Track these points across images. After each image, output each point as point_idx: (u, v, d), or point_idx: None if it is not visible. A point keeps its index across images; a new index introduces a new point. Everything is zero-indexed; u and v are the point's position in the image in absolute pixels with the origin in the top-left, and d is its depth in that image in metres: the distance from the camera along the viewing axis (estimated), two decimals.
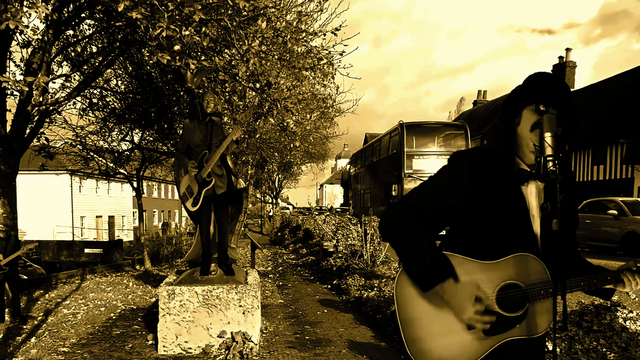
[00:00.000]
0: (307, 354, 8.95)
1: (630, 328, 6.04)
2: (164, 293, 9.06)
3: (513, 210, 2.78)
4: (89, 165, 25.64)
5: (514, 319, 2.73)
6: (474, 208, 2.82)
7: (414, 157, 32.53)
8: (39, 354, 9.02)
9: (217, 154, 8.99)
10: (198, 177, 9.09)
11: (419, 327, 2.81)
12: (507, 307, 2.72)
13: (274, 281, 18.06)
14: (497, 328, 2.73)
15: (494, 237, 2.81)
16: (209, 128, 9.26)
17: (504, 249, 2.76)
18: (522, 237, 2.78)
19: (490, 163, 2.84)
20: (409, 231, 2.81)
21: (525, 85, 2.83)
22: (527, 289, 2.72)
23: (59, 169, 46.65)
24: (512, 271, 2.73)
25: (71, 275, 20.17)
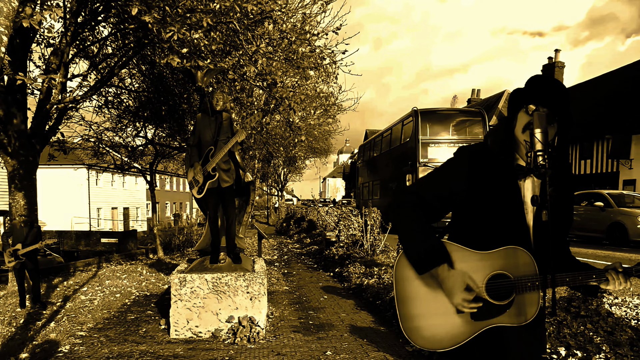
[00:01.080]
0: (311, 337, 8.96)
1: (615, 313, 6.05)
2: (176, 280, 9.08)
3: (508, 203, 2.81)
4: (105, 159, 25.76)
5: (501, 307, 2.79)
6: (473, 199, 2.87)
7: (429, 145, 29.47)
8: (58, 337, 9.04)
9: (221, 152, 9.04)
10: (203, 170, 9.13)
11: (414, 306, 2.90)
12: (495, 296, 2.78)
13: (280, 269, 18.06)
14: (484, 314, 2.79)
15: (490, 228, 2.86)
16: (218, 125, 9.29)
17: (498, 239, 2.80)
18: (516, 228, 2.82)
19: (492, 159, 2.89)
20: (410, 218, 2.90)
21: (522, 89, 2.85)
22: (515, 280, 2.77)
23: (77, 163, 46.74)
24: (502, 262, 2.78)
25: (88, 264, 20.20)
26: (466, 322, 2.81)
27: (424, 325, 2.87)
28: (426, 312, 2.88)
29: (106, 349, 8.36)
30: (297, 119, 16.71)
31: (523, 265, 2.76)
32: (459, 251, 2.85)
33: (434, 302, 2.87)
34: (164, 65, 15.74)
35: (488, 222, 2.86)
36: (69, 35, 12.65)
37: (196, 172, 9.22)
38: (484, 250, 2.82)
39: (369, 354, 7.82)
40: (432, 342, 2.86)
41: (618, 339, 5.39)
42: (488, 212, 2.85)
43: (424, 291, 2.90)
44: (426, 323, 2.87)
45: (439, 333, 2.84)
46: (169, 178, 72.23)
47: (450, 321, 2.83)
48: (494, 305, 2.78)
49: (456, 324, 2.83)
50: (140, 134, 23.22)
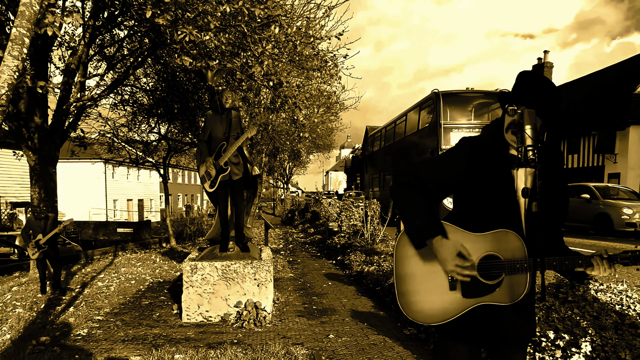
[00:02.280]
0: (315, 321, 8.96)
1: (600, 299, 6.05)
2: (188, 268, 9.09)
3: (502, 190, 2.85)
4: (121, 154, 25.86)
5: (490, 287, 2.83)
6: (471, 186, 2.91)
7: (452, 130, 25.23)
8: (76, 321, 9.05)
9: (233, 147, 9.07)
10: (216, 164, 9.14)
11: (410, 282, 2.97)
12: (486, 275, 2.82)
13: (285, 257, 18.06)
14: (475, 292, 2.84)
15: (485, 213, 2.89)
16: (228, 122, 9.32)
17: (492, 224, 2.84)
18: (509, 214, 2.85)
19: (489, 150, 2.92)
20: (410, 195, 2.95)
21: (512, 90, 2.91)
22: (505, 262, 2.80)
23: (94, 157, 46.95)
24: (494, 244, 2.82)
25: (105, 252, 20.26)
26: (458, 299, 2.87)
27: (419, 300, 2.94)
28: (421, 288, 2.94)
29: (122, 332, 8.37)
30: (302, 116, 16.73)
31: (513, 249, 2.80)
32: (455, 231, 2.89)
33: (429, 279, 2.93)
34: (176, 66, 15.77)
35: (483, 208, 2.90)
36: (87, 38, 12.67)
37: (208, 166, 9.24)
38: (477, 231, 2.86)
39: (369, 337, 7.82)
40: (425, 316, 2.93)
41: (603, 323, 5.39)
42: (484, 199, 2.89)
43: (421, 269, 2.95)
44: (421, 298, 2.94)
45: (432, 308, 2.91)
46: (181, 171, 72.27)
47: (443, 297, 2.89)
48: (484, 284, 2.83)
49: (448, 300, 2.88)
50: (154, 130, 23.35)
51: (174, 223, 29.28)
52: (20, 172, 32.80)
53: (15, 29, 3.19)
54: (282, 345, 7.11)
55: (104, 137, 24.09)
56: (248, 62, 12.56)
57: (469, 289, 2.84)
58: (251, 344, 7.38)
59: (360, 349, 7.21)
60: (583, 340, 4.98)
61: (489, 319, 2.88)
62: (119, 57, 16.38)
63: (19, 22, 3.19)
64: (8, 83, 3.12)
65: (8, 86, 3.12)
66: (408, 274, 2.98)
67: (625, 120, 31.77)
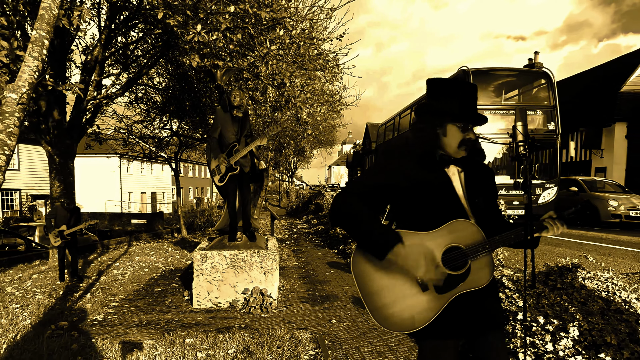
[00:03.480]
0: (318, 307, 8.98)
1: (588, 286, 6.05)
2: (198, 256, 9.10)
3: (441, 188, 2.88)
4: (135, 149, 25.96)
5: (460, 276, 2.82)
6: (409, 190, 2.89)
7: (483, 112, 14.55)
8: (93, 307, 9.08)
9: (244, 151, 9.15)
10: (227, 161, 9.17)
11: (379, 297, 2.90)
12: (453, 267, 2.81)
13: (290, 246, 18.06)
14: (448, 286, 2.82)
15: (430, 212, 2.89)
16: (240, 123, 9.36)
17: (440, 221, 2.84)
18: (454, 209, 2.88)
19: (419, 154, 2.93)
20: (359, 212, 2.87)
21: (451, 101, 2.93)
22: (467, 249, 2.81)
23: (110, 152, 47.05)
24: (451, 236, 2.83)
25: (120, 242, 20.28)
26: (433, 298, 2.82)
27: (396, 311, 2.87)
28: (393, 299, 2.88)
29: (136, 318, 8.40)
30: (305, 115, 16.75)
31: (471, 234, 2.82)
32: (408, 235, 2.85)
33: (398, 288, 2.88)
34: (187, 65, 15.82)
35: (427, 207, 2.89)
36: (103, 39, 12.70)
37: (220, 161, 9.27)
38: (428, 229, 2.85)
39: (369, 322, 7.83)
40: (408, 325, 2.86)
41: (590, 308, 5.39)
42: (425, 199, 2.88)
43: (386, 280, 2.90)
44: (397, 309, 2.87)
45: (411, 315, 2.84)
46: (192, 166, 72.31)
47: (418, 300, 2.84)
48: (453, 275, 2.82)
49: (425, 301, 2.83)
50: (166, 127, 23.41)
51: (185, 214, 29.33)
52: (39, 166, 32.87)
53: (35, 31, 3.19)
54: (287, 330, 7.13)
55: (119, 133, 24.19)
56: (255, 62, 12.58)
57: (441, 285, 2.82)
58: (258, 329, 7.40)
59: (361, 334, 7.22)
60: (571, 325, 4.99)
61: (463, 308, 2.87)
62: (133, 58, 16.42)
63: (39, 24, 3.20)
64: (29, 82, 3.12)
65: (29, 85, 3.12)
66: (374, 290, 2.92)
67: (611, 118, 31.86)
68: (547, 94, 21.72)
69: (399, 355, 6.22)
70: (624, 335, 4.86)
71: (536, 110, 21.49)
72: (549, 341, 4.89)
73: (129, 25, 14.16)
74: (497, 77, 22.66)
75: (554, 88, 21.43)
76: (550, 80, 21.57)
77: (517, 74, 23.41)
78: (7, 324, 7.57)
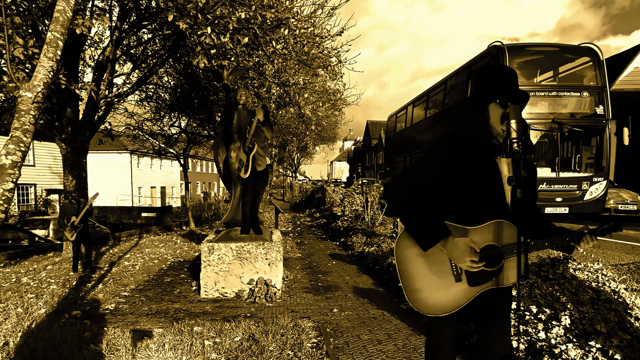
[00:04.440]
0: (320, 297, 8.99)
1: (578, 277, 6.06)
2: (205, 248, 9.13)
3: (490, 179, 2.88)
4: (145, 145, 26.04)
5: (493, 273, 2.90)
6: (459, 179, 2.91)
7: None
8: (105, 297, 9.10)
9: (252, 128, 9.21)
10: (244, 147, 9.23)
11: (416, 280, 3.01)
12: (488, 264, 2.88)
13: (294, 239, 18.09)
14: (480, 280, 2.91)
15: (475, 202, 2.92)
16: (250, 114, 9.44)
17: (483, 212, 2.89)
18: (497, 201, 2.89)
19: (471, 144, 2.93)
20: (411, 201, 2.93)
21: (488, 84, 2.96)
22: (502, 249, 2.86)
23: (121, 149, 47.12)
24: (491, 235, 2.88)
25: (130, 234, 20.32)
26: (465, 289, 2.93)
27: (429, 296, 2.99)
28: (427, 285, 2.99)
29: (146, 307, 8.42)
30: (309, 111, 16.77)
31: (508, 236, 2.86)
32: (454, 229, 2.90)
33: (434, 275, 2.98)
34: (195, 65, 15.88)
35: (474, 200, 2.92)
36: (114, 40, 12.72)
37: (240, 153, 9.32)
38: (472, 225, 2.89)
39: (369, 311, 7.85)
40: (438, 310, 2.98)
41: (581, 298, 5.40)
42: (472, 189, 2.91)
43: (424, 268, 3.00)
44: (430, 294, 2.98)
45: (443, 301, 2.96)
46: (199, 161, 72.37)
47: (451, 290, 2.95)
48: (487, 271, 2.89)
49: (456, 291, 2.94)
50: (175, 124, 23.48)
51: (193, 208, 29.31)
52: (53, 162, 32.90)
53: (50, 33, 3.21)
54: (290, 319, 7.15)
55: (130, 130, 24.29)
56: (260, 61, 12.60)
57: (474, 278, 2.91)
58: (263, 317, 7.42)
59: (361, 322, 7.24)
60: (563, 314, 5.00)
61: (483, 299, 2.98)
62: (143, 58, 16.45)
63: (54, 27, 3.21)
64: (44, 82, 3.13)
65: (44, 84, 3.14)
66: (414, 273, 3.03)
67: None
68: (594, 73, 18.25)
69: (397, 342, 6.23)
70: (613, 324, 4.87)
71: (581, 92, 17.90)
72: (541, 329, 4.90)
73: (139, 26, 14.19)
74: (534, 54, 19.19)
75: (602, 66, 18.00)
76: (598, 58, 18.10)
77: (558, 51, 19.50)
78: (22, 313, 7.60)
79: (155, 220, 32.42)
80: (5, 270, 12.18)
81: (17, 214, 28.69)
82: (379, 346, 6.12)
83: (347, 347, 6.09)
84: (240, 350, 5.64)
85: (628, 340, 4.66)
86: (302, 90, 12.70)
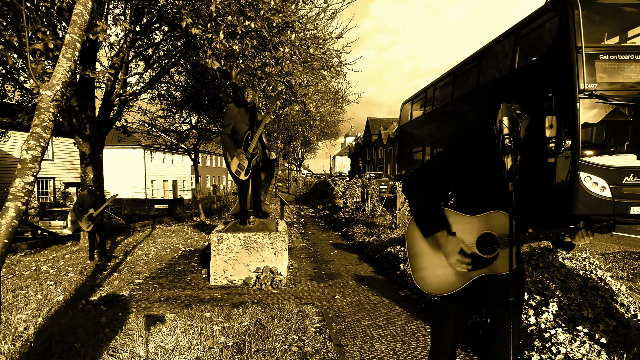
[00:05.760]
0: (323, 284, 9.01)
1: (567, 265, 6.06)
2: (215, 238, 9.15)
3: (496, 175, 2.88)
4: (158, 141, 26.11)
5: (488, 260, 2.94)
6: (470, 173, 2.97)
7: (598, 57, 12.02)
8: (120, 284, 9.14)
9: (257, 133, 9.22)
10: (246, 153, 9.22)
11: (421, 260, 3.09)
12: (484, 251, 2.93)
13: (298, 229, 18.10)
14: (476, 266, 2.94)
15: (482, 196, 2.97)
16: (250, 114, 9.42)
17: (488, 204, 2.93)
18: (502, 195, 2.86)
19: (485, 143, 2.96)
20: (420, 194, 3.03)
21: None
22: (499, 238, 2.90)
23: (135, 144, 47.17)
24: (489, 224, 2.92)
25: (144, 225, 20.36)
26: (462, 273, 2.97)
27: (429, 276, 3.06)
28: (429, 265, 3.06)
29: (159, 293, 8.44)
30: (313, 108, 16.82)
31: (504, 226, 2.88)
32: (455, 215, 2.98)
33: (436, 257, 3.04)
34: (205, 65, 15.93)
35: (480, 192, 2.97)
36: (128, 41, 12.73)
37: (241, 158, 9.31)
38: (474, 214, 2.95)
39: (369, 298, 7.86)
40: (435, 289, 3.05)
41: (569, 285, 5.41)
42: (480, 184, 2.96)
43: (429, 249, 3.06)
44: (431, 274, 3.05)
45: (441, 282, 3.03)
46: (209, 156, 72.39)
47: (449, 273, 3.00)
48: (482, 258, 2.93)
49: (453, 275, 3.00)
50: (186, 121, 23.53)
51: (203, 200, 29.34)
52: (70, 156, 32.95)
53: (68, 35, 3.22)
54: (295, 305, 7.16)
55: (143, 127, 24.34)
56: (266, 61, 12.62)
57: (471, 264, 2.93)
58: (269, 304, 7.43)
59: (362, 308, 7.25)
60: (552, 300, 5.01)
61: (484, 285, 3.00)
62: (155, 58, 16.48)
63: (72, 29, 3.22)
64: (62, 81, 3.15)
65: (62, 84, 3.15)
66: (419, 253, 3.10)
67: None
68: None
69: (396, 327, 6.25)
70: (599, 310, 4.88)
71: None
72: (532, 315, 4.91)
73: (152, 28, 14.21)
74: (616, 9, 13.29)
75: None
76: None
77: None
78: (42, 299, 7.62)
79: (167, 211, 32.45)
80: (26, 259, 12.21)
81: (37, 206, 28.76)
82: (378, 330, 6.13)
83: (348, 332, 6.11)
84: (247, 335, 5.66)
85: (614, 326, 4.67)
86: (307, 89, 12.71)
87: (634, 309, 5.07)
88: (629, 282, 6.54)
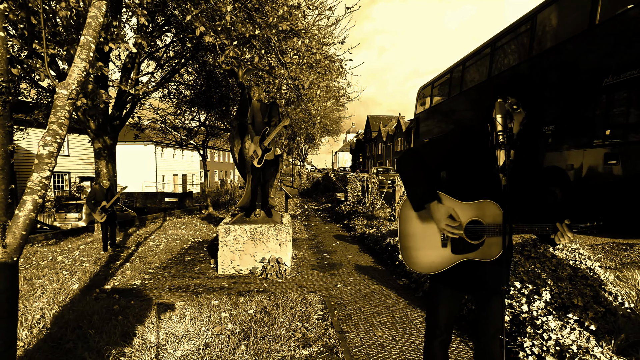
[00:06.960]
0: (326, 273, 9.02)
1: (558, 256, 6.06)
2: (222, 230, 9.16)
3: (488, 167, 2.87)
4: (168, 137, 26.20)
5: (474, 245, 2.93)
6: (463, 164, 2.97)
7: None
8: (132, 274, 9.16)
9: (275, 131, 9.32)
10: (261, 145, 9.27)
11: (411, 239, 3.08)
12: (471, 236, 2.92)
13: (302, 221, 18.10)
14: (462, 249, 2.96)
15: (473, 185, 2.97)
16: (268, 111, 9.46)
17: (478, 194, 2.93)
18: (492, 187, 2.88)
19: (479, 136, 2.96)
20: (413, 169, 3.00)
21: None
22: (486, 226, 2.89)
23: (146, 140, 47.21)
24: (478, 212, 2.92)
25: (155, 217, 20.36)
26: (448, 254, 2.98)
27: (417, 255, 3.05)
28: (419, 245, 3.05)
29: (169, 282, 8.46)
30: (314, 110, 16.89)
31: (494, 215, 2.88)
32: (447, 199, 2.96)
33: (425, 237, 3.03)
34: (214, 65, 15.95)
35: (472, 182, 2.97)
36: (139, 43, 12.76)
37: (257, 146, 9.36)
38: (466, 201, 2.94)
39: (369, 286, 7.87)
40: (421, 268, 3.06)
41: (560, 275, 5.41)
42: (473, 175, 2.96)
43: (419, 228, 3.05)
44: (419, 253, 3.05)
45: (427, 261, 3.03)
46: (217, 152, 72.45)
47: (436, 253, 3.01)
48: (469, 243, 2.93)
49: (440, 255, 3.00)
50: (195, 118, 23.57)
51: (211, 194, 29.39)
52: (84, 152, 32.98)
53: (83, 37, 3.22)
54: (299, 293, 7.17)
55: (154, 124, 24.39)
56: (271, 64, 12.66)
57: (457, 247, 2.96)
58: (274, 292, 7.44)
59: (362, 296, 7.26)
60: (544, 289, 5.01)
61: (472, 270, 3.00)
62: (166, 59, 16.50)
63: (87, 31, 3.23)
64: (77, 80, 3.15)
65: (77, 83, 3.15)
66: (409, 233, 3.09)
67: None
68: None
69: (395, 314, 6.26)
70: (589, 298, 4.88)
71: None
72: (524, 303, 4.91)
73: (162, 30, 14.23)
74: None
75: None
76: None
77: None
78: (57, 288, 7.64)
79: (177, 204, 32.43)
80: (42, 249, 12.24)
81: (53, 199, 28.81)
82: (378, 318, 6.15)
83: (349, 319, 6.12)
84: (253, 322, 5.67)
85: (602, 313, 4.67)
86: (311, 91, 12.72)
87: (621, 297, 5.07)
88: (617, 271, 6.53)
